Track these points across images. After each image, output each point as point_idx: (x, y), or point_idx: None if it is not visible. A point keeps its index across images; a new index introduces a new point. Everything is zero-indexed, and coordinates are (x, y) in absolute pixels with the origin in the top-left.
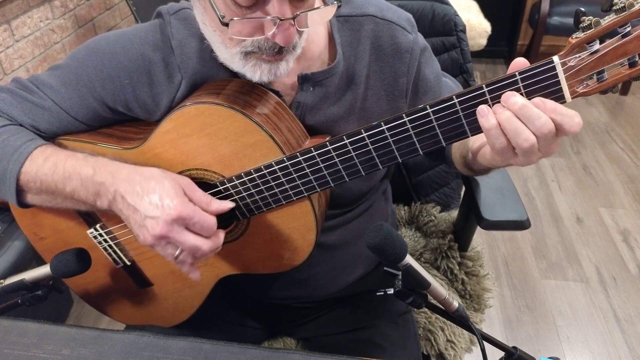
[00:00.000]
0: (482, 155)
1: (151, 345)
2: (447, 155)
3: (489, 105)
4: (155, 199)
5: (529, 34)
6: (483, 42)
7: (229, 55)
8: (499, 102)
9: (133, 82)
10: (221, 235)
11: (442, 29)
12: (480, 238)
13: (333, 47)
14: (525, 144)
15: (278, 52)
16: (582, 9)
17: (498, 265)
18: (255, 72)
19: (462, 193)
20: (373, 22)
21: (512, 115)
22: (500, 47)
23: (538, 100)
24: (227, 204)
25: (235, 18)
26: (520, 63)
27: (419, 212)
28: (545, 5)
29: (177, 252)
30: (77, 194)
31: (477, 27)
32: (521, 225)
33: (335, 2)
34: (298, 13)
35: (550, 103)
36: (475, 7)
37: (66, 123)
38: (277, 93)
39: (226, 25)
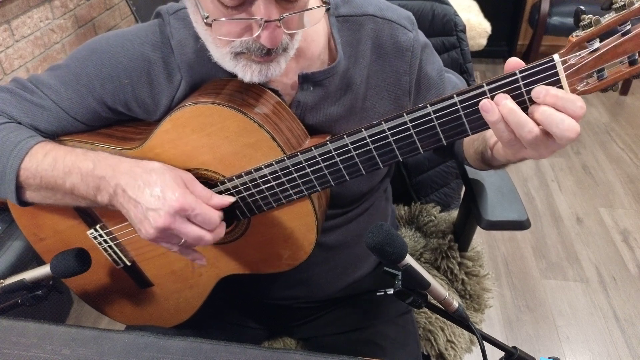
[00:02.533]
0: (497, 150)
1: (151, 345)
2: (456, 152)
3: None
4: (157, 192)
5: (529, 34)
6: (483, 42)
7: (220, 55)
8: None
9: (132, 82)
10: (222, 227)
11: (442, 29)
12: (480, 238)
13: (333, 47)
14: (529, 136)
15: (267, 54)
16: (582, 8)
17: (498, 265)
18: (246, 72)
19: (462, 193)
20: (373, 21)
21: (515, 109)
22: (500, 47)
23: (540, 88)
24: (228, 199)
25: (223, 18)
26: (514, 62)
27: (419, 212)
28: (545, 5)
29: (182, 242)
30: (77, 190)
31: (477, 27)
32: (521, 225)
33: (323, 5)
34: (285, 15)
35: (552, 89)
36: (475, 7)
37: (65, 123)
38: (276, 92)
39: (209, 25)
